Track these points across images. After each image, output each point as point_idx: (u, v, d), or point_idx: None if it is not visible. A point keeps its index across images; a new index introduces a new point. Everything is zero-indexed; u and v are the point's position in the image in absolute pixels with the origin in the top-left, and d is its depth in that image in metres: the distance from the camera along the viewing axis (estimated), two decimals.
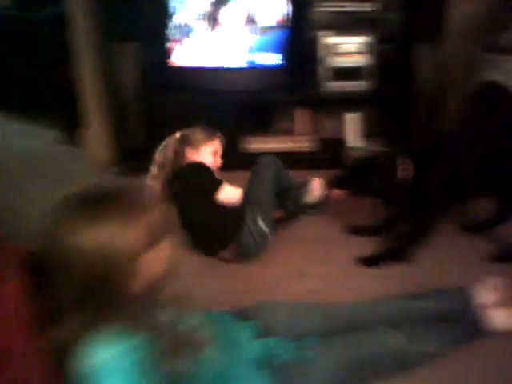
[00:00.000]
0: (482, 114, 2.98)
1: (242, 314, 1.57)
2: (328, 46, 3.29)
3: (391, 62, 3.32)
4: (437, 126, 3.40)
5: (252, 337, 1.45)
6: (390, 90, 3.32)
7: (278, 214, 2.49)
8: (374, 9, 3.28)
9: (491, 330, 1.69)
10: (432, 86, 3.26)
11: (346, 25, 3.34)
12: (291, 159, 3.32)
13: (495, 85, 2.84)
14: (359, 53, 3.29)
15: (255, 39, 3.19)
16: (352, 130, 3.43)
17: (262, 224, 2.23)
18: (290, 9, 3.13)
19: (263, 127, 3.58)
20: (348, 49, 3.31)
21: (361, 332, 1.56)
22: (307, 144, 3.42)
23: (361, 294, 1.93)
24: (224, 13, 3.15)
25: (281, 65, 3.26)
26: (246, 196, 2.34)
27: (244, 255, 2.24)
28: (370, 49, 3.27)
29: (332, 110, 3.57)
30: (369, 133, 3.51)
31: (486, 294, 1.74)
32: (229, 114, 3.35)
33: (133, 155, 3.26)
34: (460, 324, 1.68)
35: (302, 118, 3.54)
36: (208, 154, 2.45)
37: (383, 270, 2.18)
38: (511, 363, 1.66)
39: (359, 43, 3.29)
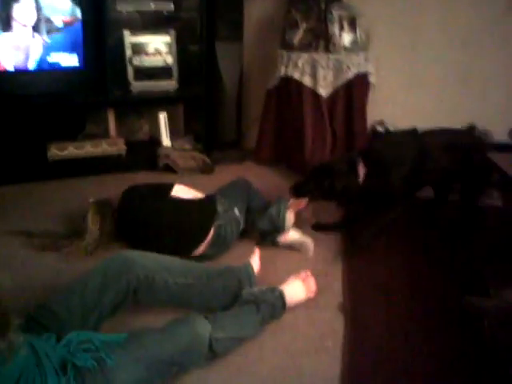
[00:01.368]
0: (281, 107, 3.21)
1: None
2: (133, 45, 3.24)
3: (195, 61, 3.39)
4: (243, 120, 3.58)
5: (54, 343, 1.40)
6: (195, 88, 3.40)
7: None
8: (174, 8, 3.31)
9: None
10: (235, 82, 3.40)
11: (151, 24, 3.34)
12: (105, 163, 3.24)
13: (292, 79, 3.07)
14: (163, 52, 3.31)
15: (51, 39, 3.00)
16: (164, 129, 3.43)
17: (237, 212, 2.29)
18: (85, 7, 3.01)
19: (74, 132, 3.39)
20: (152, 48, 3.30)
21: (173, 323, 1.58)
22: (120, 147, 3.32)
23: None
24: (16, 12, 2.90)
25: (80, 65, 3.12)
26: (221, 192, 2.41)
27: (220, 245, 2.24)
28: (172, 48, 3.31)
29: (143, 110, 3.54)
30: (179, 131, 3.55)
31: None
32: (33, 120, 3.12)
33: None
34: (265, 303, 1.78)
35: (113, 120, 3.44)
36: None
37: None
38: (313, 330, 1.82)
39: (163, 43, 3.30)
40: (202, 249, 2.21)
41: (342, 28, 3.07)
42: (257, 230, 2.39)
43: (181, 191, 2.33)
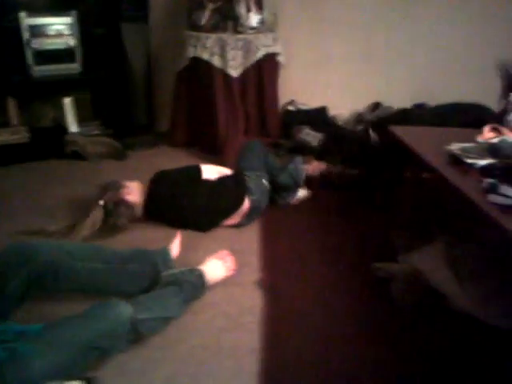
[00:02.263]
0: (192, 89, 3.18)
1: None
2: (31, 27, 3.05)
3: (100, 43, 3.26)
4: (155, 104, 3.51)
5: None
6: (100, 71, 3.28)
7: None
8: None
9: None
10: (144, 64, 3.31)
11: (51, 5, 3.16)
12: (9, 153, 3.06)
13: (201, 60, 3.04)
14: (65, 34, 3.15)
15: None
16: (70, 115, 3.28)
17: (265, 182, 2.47)
18: None
19: None
20: (53, 30, 3.13)
21: (92, 307, 1.54)
22: (23, 135, 3.14)
23: None
24: None
25: None
26: (245, 165, 2.50)
27: (255, 216, 2.41)
28: (74, 30, 3.16)
29: (47, 95, 3.35)
30: (87, 117, 3.40)
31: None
32: None
33: None
34: (186, 284, 1.79)
35: (14, 107, 3.23)
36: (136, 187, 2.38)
37: None
38: (233, 307, 1.83)
39: (64, 24, 3.14)
40: (237, 220, 2.38)
41: (249, 8, 3.08)
42: (279, 185, 2.59)
43: (209, 172, 2.46)
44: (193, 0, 3.13)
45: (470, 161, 1.87)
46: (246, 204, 2.35)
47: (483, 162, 1.84)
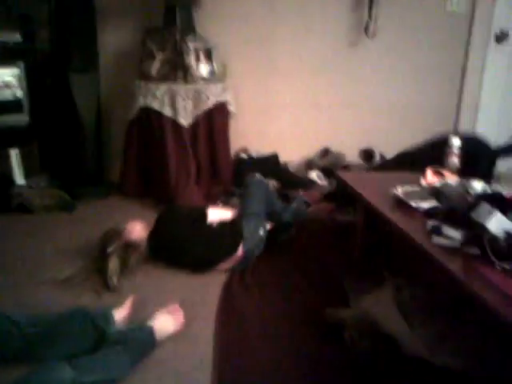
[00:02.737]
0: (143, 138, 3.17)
1: None
2: None
3: (49, 94, 3.24)
4: (105, 154, 3.47)
5: None
6: (50, 122, 3.23)
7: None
8: (24, 40, 3.13)
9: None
10: (93, 114, 3.28)
11: None
12: None
13: (151, 110, 3.04)
14: (12, 85, 3.10)
15: None
16: (16, 167, 3.20)
17: (261, 232, 2.50)
18: None
19: None
20: (0, 82, 3.08)
21: (34, 372, 1.46)
22: None
23: None
24: None
25: None
26: (244, 210, 2.56)
27: (246, 260, 2.43)
28: (22, 81, 3.12)
29: None
30: (34, 169, 3.32)
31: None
32: None
33: None
34: (134, 342, 1.72)
35: None
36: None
37: None
38: (181, 364, 1.76)
39: (11, 75, 3.10)
40: (230, 265, 2.41)
41: (198, 59, 3.14)
42: (282, 224, 2.68)
43: (212, 216, 2.55)
44: (144, 50, 3.16)
45: (414, 204, 1.92)
46: (240, 252, 2.41)
47: (427, 205, 1.89)
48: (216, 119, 3.17)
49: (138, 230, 2.42)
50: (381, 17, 3.52)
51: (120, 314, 1.87)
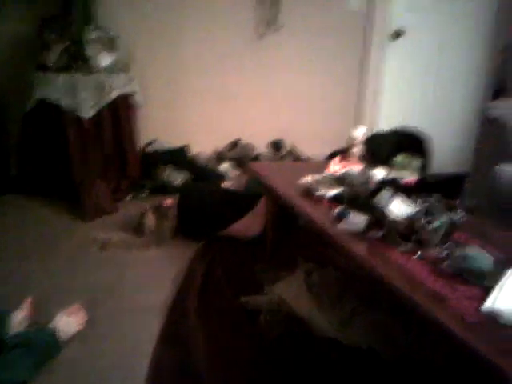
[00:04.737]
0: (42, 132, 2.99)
1: None
2: None
3: None
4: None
5: None
6: None
7: None
8: None
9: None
10: None
11: None
12: None
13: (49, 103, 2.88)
14: None
15: None
16: None
17: None
18: None
19: None
20: None
21: None
22: None
23: None
24: None
25: None
26: None
27: None
28: None
29: None
30: None
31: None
32: None
33: None
34: (37, 344, 1.64)
35: None
36: None
37: None
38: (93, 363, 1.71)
39: None
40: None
41: (100, 49, 3.00)
42: None
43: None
44: (42, 40, 2.97)
45: (320, 191, 1.97)
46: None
47: (332, 192, 1.95)
48: (121, 111, 3.05)
49: (169, 201, 2.72)
50: (286, 10, 3.57)
51: (18, 317, 1.77)
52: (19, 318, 1.77)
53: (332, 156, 2.91)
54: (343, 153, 2.48)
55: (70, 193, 2.94)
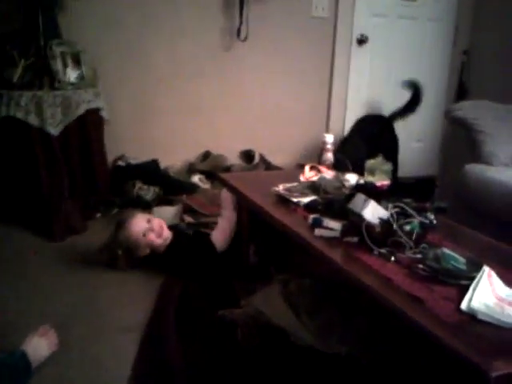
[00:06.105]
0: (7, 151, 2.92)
1: None
2: None
3: None
4: None
5: None
6: None
7: None
8: None
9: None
10: None
11: None
12: None
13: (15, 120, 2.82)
14: None
15: None
16: None
17: None
18: None
19: None
20: None
21: None
22: None
23: None
24: None
25: None
26: None
27: None
28: None
29: None
30: None
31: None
32: None
33: None
34: (4, 369, 1.56)
35: None
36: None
37: None
38: None
39: None
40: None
41: (65, 64, 2.96)
42: None
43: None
44: (4, 56, 2.91)
45: (295, 199, 1.97)
46: None
47: (307, 200, 1.95)
48: (89, 126, 3.00)
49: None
50: (252, 20, 3.59)
51: None
52: None
53: (301, 166, 2.94)
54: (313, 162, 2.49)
55: (39, 212, 2.87)
